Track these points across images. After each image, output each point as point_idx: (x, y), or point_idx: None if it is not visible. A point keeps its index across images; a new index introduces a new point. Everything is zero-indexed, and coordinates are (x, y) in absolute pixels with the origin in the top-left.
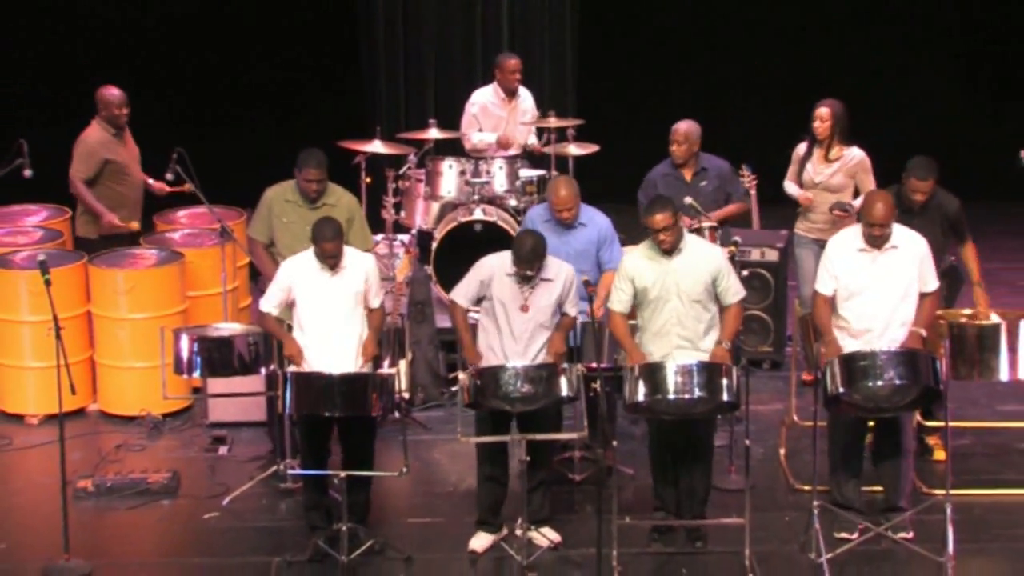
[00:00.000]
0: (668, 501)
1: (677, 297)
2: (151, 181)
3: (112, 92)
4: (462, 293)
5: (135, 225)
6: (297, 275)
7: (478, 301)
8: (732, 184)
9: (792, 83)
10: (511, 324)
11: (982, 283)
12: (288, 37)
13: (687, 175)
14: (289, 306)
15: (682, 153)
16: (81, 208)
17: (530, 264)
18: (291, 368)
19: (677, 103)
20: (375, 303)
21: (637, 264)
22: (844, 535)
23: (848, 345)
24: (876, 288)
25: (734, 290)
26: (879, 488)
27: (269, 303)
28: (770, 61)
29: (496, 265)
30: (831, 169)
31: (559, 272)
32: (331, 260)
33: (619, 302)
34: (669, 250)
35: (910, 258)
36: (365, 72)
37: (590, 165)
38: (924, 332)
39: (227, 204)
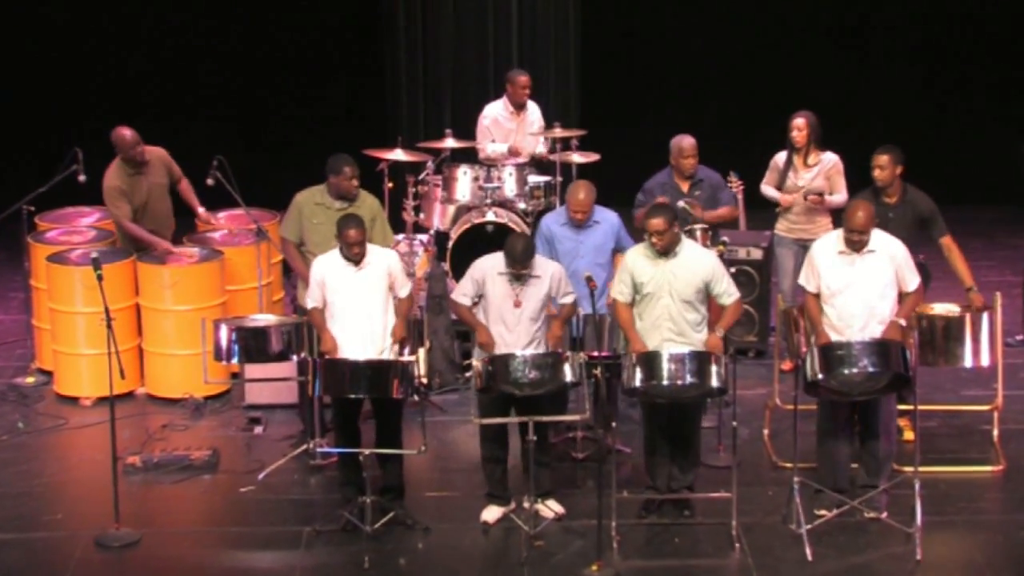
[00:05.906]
0: (658, 479)
1: (669, 295)
2: (201, 211)
3: (123, 134)
4: (461, 293)
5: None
6: (327, 270)
7: (474, 300)
8: (721, 191)
9: (771, 99)
10: (505, 318)
11: (974, 287)
12: (318, 58)
13: (684, 186)
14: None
15: (694, 165)
16: (119, 233)
17: (523, 263)
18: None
19: (670, 117)
20: (403, 292)
21: (637, 260)
22: (823, 512)
23: (832, 338)
24: (855, 288)
25: (729, 292)
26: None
27: (312, 299)
28: (751, 80)
29: (489, 266)
30: (811, 173)
31: (546, 270)
32: (355, 249)
33: (620, 293)
34: (663, 251)
35: (887, 261)
36: (388, 87)
37: (591, 172)
38: (904, 322)
39: (262, 207)
